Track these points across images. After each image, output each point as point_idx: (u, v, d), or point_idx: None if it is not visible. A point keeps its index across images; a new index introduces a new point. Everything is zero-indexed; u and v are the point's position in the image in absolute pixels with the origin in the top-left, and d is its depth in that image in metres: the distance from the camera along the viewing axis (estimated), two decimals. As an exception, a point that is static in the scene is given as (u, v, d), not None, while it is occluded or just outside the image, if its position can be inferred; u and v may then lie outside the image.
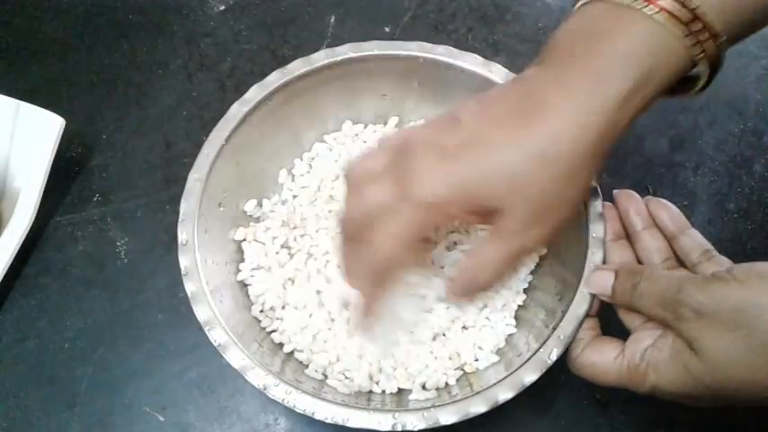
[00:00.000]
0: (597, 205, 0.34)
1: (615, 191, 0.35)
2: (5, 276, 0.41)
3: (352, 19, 0.53)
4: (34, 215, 0.42)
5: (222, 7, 0.54)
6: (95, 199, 0.46)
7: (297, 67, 0.39)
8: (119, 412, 0.40)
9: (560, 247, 0.37)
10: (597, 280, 0.32)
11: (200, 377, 0.40)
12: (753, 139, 0.47)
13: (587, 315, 0.32)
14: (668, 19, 0.27)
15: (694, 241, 0.33)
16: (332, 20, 0.53)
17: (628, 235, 0.35)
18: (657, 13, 0.27)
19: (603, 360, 0.31)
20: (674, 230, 0.33)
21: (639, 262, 0.34)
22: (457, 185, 0.28)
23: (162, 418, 0.40)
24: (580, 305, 0.32)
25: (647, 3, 0.28)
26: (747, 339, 0.25)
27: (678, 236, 0.33)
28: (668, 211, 0.34)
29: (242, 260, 0.39)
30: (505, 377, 0.31)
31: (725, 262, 0.32)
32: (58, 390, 0.40)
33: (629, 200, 0.35)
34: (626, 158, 0.47)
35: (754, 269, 0.27)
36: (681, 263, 0.33)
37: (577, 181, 0.29)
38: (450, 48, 0.39)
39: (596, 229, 0.34)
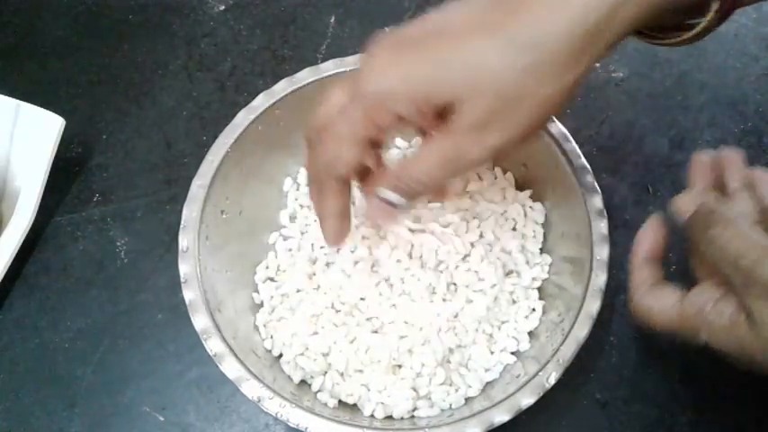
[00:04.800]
0: (602, 227, 0.34)
1: (722, 148, 0.33)
2: (5, 276, 0.41)
3: (352, 19, 0.53)
4: (34, 215, 0.42)
5: (222, 7, 0.54)
6: (95, 199, 0.46)
7: (305, 76, 0.39)
8: (119, 412, 0.40)
9: (564, 270, 0.37)
10: (679, 202, 0.31)
11: (200, 377, 0.40)
12: (753, 139, 0.47)
13: (587, 338, 0.32)
14: None
15: None
16: (332, 20, 0.53)
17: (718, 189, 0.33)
18: None
19: (661, 304, 0.30)
20: None
21: None
22: (406, 76, 0.26)
23: (162, 418, 0.40)
24: (581, 329, 0.32)
25: None
26: None
27: None
28: None
29: (242, 269, 0.39)
30: (502, 400, 0.31)
31: None
32: (58, 390, 0.40)
33: (731, 160, 0.33)
34: (626, 158, 0.47)
35: None
36: None
37: (553, 79, 0.26)
38: None
39: (600, 252, 0.34)
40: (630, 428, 0.39)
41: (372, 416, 0.34)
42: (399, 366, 0.36)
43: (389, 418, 0.35)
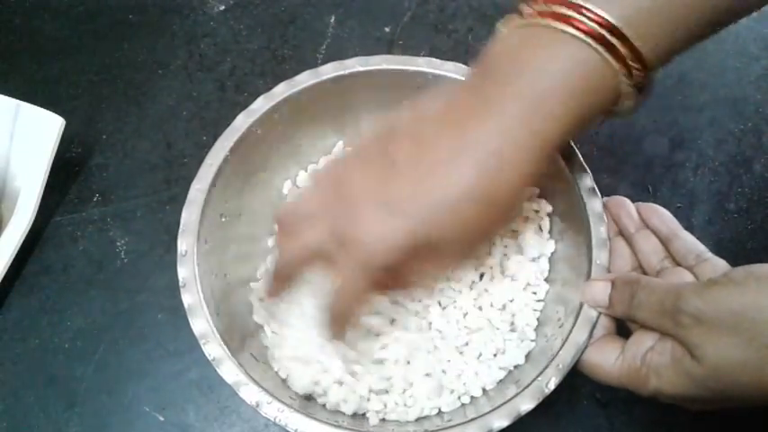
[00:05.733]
0: (602, 231, 0.34)
1: (605, 198, 0.35)
2: (5, 276, 0.41)
3: (353, 19, 0.53)
4: (34, 215, 0.42)
5: (222, 7, 0.54)
6: (95, 199, 0.46)
7: (304, 79, 0.39)
8: (119, 412, 0.40)
9: (564, 274, 0.37)
10: (593, 291, 0.32)
11: (199, 377, 0.40)
12: (753, 139, 0.47)
13: (587, 345, 0.32)
14: (595, 41, 0.27)
15: (688, 244, 0.33)
16: (332, 20, 0.53)
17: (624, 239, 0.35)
18: (586, 36, 0.27)
19: (605, 361, 0.31)
20: (666, 233, 0.33)
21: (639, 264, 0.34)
22: (408, 242, 0.29)
23: (162, 418, 0.40)
24: (580, 333, 0.32)
25: (575, 27, 0.27)
26: (750, 342, 0.25)
27: (671, 239, 0.33)
28: (659, 215, 0.34)
29: (241, 272, 0.39)
30: (501, 405, 0.31)
31: (720, 263, 0.31)
32: (58, 390, 0.40)
33: (619, 206, 0.35)
34: (626, 158, 0.47)
35: (751, 271, 0.26)
36: (677, 263, 0.33)
37: (510, 213, 0.32)
38: (459, 64, 0.38)
39: (600, 256, 0.33)
40: (630, 428, 0.39)
41: (371, 420, 0.34)
42: (399, 374, 0.36)
43: (389, 422, 0.35)
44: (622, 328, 0.32)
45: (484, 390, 0.35)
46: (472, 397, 0.35)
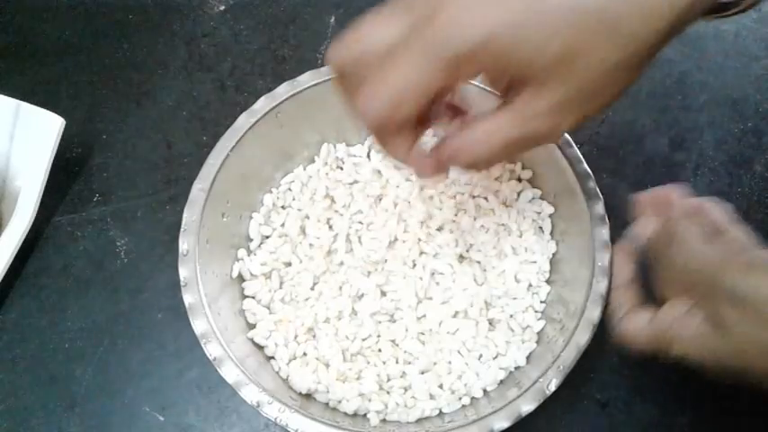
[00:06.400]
0: (603, 233, 0.34)
1: (650, 189, 0.34)
2: (5, 276, 0.41)
3: (352, 19, 0.53)
4: (34, 215, 0.42)
5: (222, 7, 0.54)
6: (95, 199, 0.46)
7: (306, 79, 0.39)
8: (119, 412, 0.40)
9: (566, 275, 0.37)
10: (638, 227, 0.32)
11: (200, 377, 0.40)
12: (753, 139, 0.47)
13: (588, 345, 0.32)
14: None
15: (736, 237, 0.31)
16: (332, 20, 0.53)
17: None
18: None
19: (635, 326, 0.31)
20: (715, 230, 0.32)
21: None
22: (496, 36, 0.23)
23: (162, 418, 0.40)
24: (582, 335, 0.32)
25: None
26: None
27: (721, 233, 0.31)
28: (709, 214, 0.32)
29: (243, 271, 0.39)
30: (503, 407, 0.31)
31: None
32: (58, 390, 0.40)
33: (673, 193, 0.33)
34: (626, 158, 0.47)
35: None
36: None
37: (639, 69, 0.24)
38: None
39: (602, 258, 0.34)
40: (630, 428, 0.39)
41: (372, 420, 0.34)
42: (401, 375, 0.36)
43: (389, 423, 0.35)
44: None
45: (485, 391, 0.35)
46: (473, 398, 0.35)
